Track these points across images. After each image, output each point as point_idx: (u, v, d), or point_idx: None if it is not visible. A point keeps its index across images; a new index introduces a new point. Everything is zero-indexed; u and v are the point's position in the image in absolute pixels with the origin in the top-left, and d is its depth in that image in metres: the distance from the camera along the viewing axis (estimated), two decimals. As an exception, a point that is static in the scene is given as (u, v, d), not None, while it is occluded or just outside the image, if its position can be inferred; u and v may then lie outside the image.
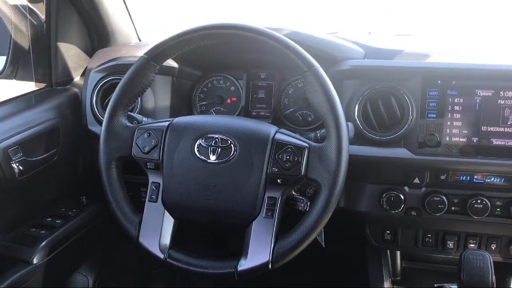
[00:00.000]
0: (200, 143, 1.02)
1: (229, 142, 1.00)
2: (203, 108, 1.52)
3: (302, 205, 1.08)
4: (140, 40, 1.75)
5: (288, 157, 0.98)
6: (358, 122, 1.20)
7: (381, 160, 1.20)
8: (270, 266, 0.96)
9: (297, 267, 1.67)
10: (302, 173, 0.97)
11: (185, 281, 1.95)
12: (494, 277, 0.99)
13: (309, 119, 1.44)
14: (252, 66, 1.47)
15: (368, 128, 1.20)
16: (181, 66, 1.42)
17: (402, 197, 1.25)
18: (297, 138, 1.01)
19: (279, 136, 1.01)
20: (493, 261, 1.30)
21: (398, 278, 1.55)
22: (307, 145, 0.99)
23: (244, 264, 0.97)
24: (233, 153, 1.00)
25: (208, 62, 1.47)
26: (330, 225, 0.98)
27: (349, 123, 1.06)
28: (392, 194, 1.25)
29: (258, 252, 0.97)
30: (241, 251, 1.00)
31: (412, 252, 1.51)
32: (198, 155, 1.01)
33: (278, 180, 0.98)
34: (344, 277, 1.86)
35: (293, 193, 1.14)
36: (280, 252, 0.96)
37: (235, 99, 1.50)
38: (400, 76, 1.19)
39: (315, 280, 1.90)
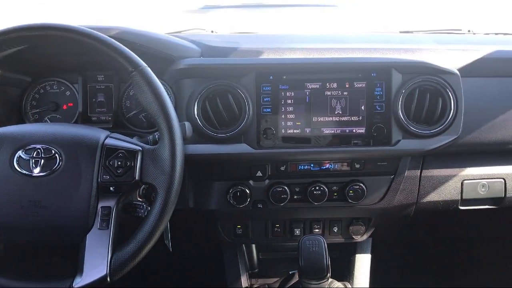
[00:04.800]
0: (20, 156, 0.93)
1: (53, 152, 0.93)
2: (36, 116, 1.39)
3: (142, 211, 1.05)
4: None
5: (119, 163, 0.93)
6: (199, 121, 1.19)
7: (223, 157, 1.21)
8: (108, 279, 0.91)
9: (150, 275, 1.62)
10: (137, 178, 0.94)
11: None
12: (328, 259, 1.05)
13: (154, 121, 1.39)
14: (88, 68, 1.38)
15: (208, 126, 1.20)
16: (4, 72, 1.27)
17: (248, 191, 1.27)
18: (129, 142, 0.97)
19: (109, 141, 0.96)
20: (336, 242, 1.40)
21: (256, 270, 1.59)
22: (140, 148, 0.95)
23: (80, 281, 0.91)
24: (58, 164, 0.92)
25: (37, 66, 1.35)
26: (182, 227, 0.96)
27: (186, 122, 1.05)
28: (238, 189, 1.27)
29: (94, 266, 0.92)
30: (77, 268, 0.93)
31: (264, 243, 1.56)
32: (18, 169, 0.92)
33: (111, 188, 0.94)
34: (202, 279, 1.85)
35: (138, 199, 1.10)
36: (118, 264, 0.92)
37: (71, 104, 1.39)
38: (234, 73, 1.20)
39: (172, 286, 1.87)
